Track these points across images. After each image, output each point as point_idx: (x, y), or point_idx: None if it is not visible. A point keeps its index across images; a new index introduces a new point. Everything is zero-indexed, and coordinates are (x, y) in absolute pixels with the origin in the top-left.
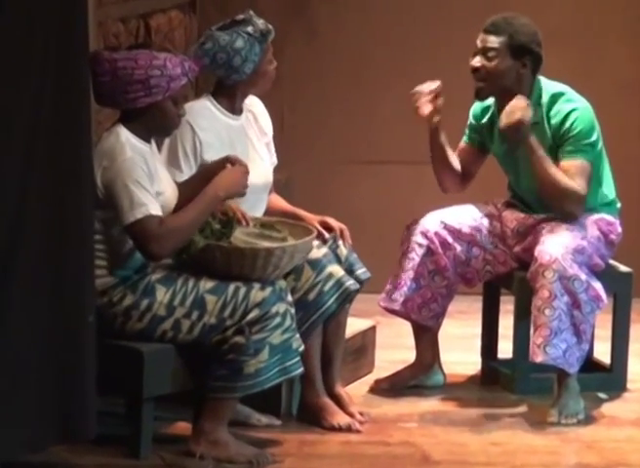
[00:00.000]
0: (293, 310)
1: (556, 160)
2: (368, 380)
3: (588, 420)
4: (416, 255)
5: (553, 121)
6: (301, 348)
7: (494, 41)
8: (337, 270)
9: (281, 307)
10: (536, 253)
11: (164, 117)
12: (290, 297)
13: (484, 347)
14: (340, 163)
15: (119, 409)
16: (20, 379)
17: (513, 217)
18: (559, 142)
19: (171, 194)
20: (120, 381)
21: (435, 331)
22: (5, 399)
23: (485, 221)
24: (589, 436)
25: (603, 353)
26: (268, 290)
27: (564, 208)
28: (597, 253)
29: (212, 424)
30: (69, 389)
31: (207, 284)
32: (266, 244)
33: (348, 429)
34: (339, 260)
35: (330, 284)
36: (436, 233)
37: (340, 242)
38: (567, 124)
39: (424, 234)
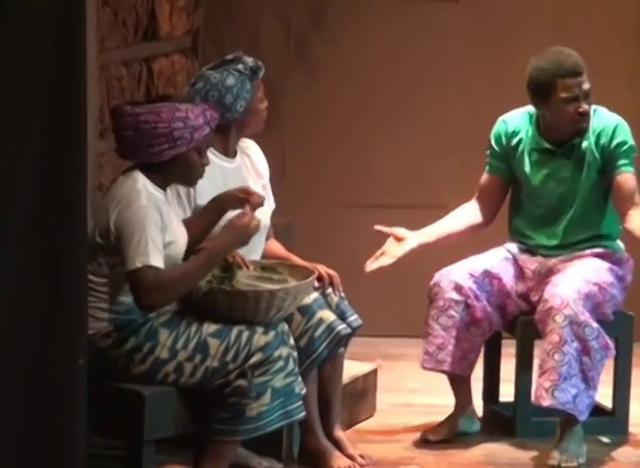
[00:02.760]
0: (295, 354)
1: (604, 173)
2: (369, 424)
3: (590, 464)
4: (454, 312)
5: (603, 137)
6: (304, 392)
7: (586, 79)
8: (327, 315)
9: (284, 351)
10: (546, 295)
11: (188, 168)
12: (292, 341)
13: (486, 391)
14: (341, 207)
15: (119, 452)
16: (3, 424)
17: (534, 259)
18: (610, 155)
19: (182, 242)
20: (121, 424)
21: (469, 379)
22: None
23: (502, 268)
24: None
25: (605, 397)
26: (271, 334)
27: None
28: (608, 301)
29: (212, 467)
30: (57, 434)
31: (210, 327)
32: (268, 286)
33: None
34: (329, 307)
35: (321, 329)
36: (469, 288)
37: (330, 290)
38: (617, 137)
39: (459, 290)
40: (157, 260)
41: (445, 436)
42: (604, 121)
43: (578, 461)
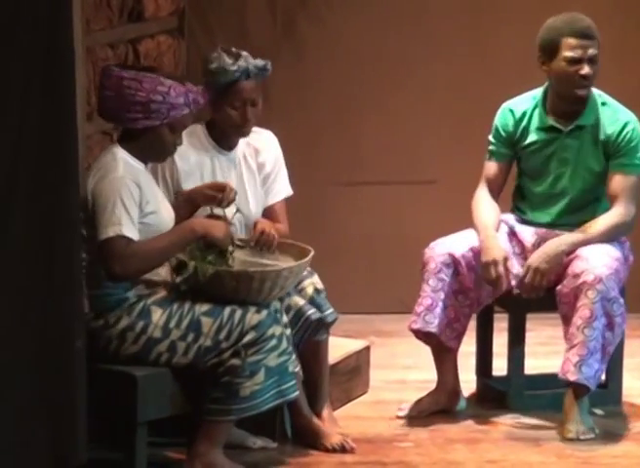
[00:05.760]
0: (288, 332)
1: (604, 167)
2: (363, 401)
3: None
4: (445, 276)
5: (610, 129)
6: (298, 370)
7: (595, 45)
8: (296, 301)
9: (277, 330)
10: (577, 270)
11: (159, 143)
12: (285, 319)
13: (479, 365)
14: (332, 185)
15: (114, 434)
16: (6, 407)
17: (533, 231)
18: (612, 151)
19: (166, 214)
20: (114, 406)
21: (455, 353)
22: None
23: (501, 242)
24: (586, 452)
25: None
26: (264, 312)
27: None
28: (623, 276)
29: (207, 447)
30: (58, 415)
31: (202, 306)
32: (269, 263)
33: (342, 449)
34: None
35: (290, 315)
36: (463, 255)
37: (306, 282)
38: (624, 134)
39: (452, 255)
40: (130, 231)
41: (416, 413)
42: (616, 114)
43: (594, 433)
